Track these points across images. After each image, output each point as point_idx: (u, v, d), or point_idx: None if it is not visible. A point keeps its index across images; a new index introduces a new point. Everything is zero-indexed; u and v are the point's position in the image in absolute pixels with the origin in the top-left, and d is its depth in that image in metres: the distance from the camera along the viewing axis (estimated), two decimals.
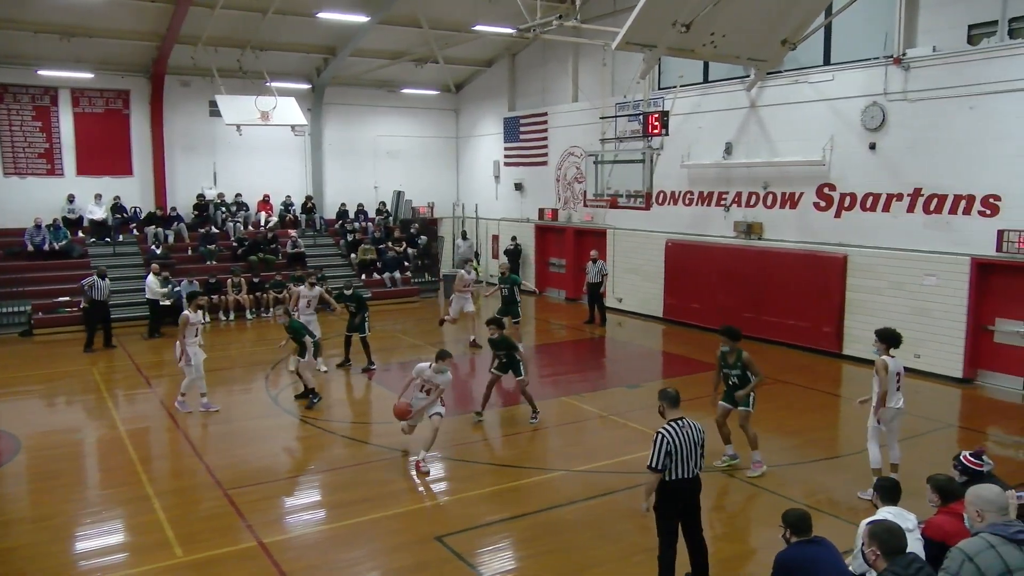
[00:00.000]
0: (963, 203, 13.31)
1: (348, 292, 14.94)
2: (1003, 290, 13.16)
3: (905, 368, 8.94)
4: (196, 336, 11.85)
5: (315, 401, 12.27)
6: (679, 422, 6.30)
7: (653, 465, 6.21)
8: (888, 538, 4.48)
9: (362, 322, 14.66)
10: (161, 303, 18.11)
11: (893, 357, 8.55)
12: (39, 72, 20.54)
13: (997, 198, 12.85)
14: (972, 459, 6.03)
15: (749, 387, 9.20)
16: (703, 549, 6.54)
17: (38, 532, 7.89)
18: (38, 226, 20.37)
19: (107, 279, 17.22)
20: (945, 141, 13.50)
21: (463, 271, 17.33)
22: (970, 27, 13.31)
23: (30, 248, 20.12)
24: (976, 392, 13.23)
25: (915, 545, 5.03)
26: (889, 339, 8.58)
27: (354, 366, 14.78)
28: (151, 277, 18.29)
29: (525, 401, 11.52)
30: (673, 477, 6.22)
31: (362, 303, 14.82)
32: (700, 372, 14.00)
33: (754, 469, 9.40)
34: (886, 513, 5.36)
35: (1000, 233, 12.76)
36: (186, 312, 11.83)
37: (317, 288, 14.88)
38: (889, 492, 5.52)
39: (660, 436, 6.21)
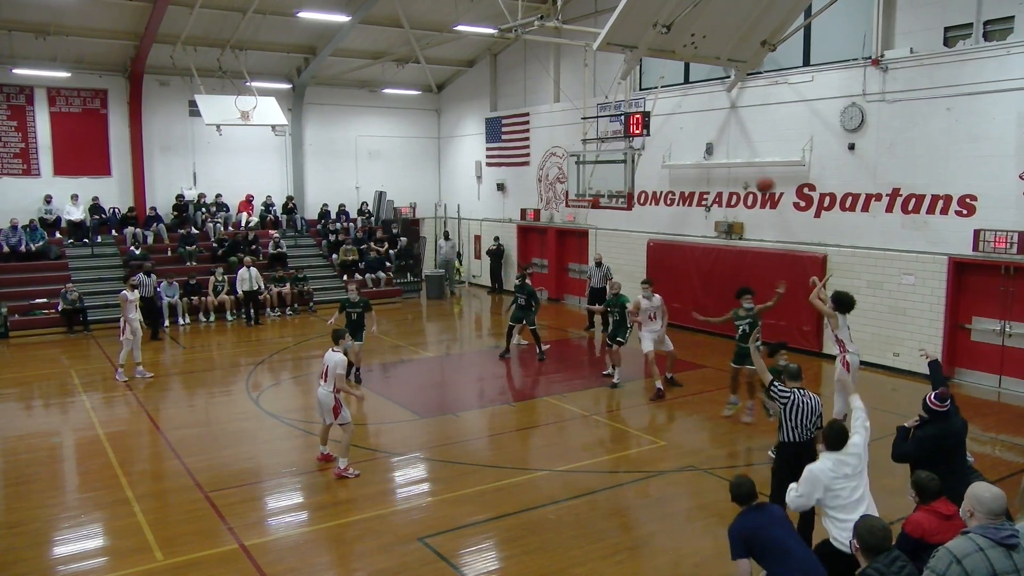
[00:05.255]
0: (940, 203, 13.47)
1: (519, 282, 15.84)
2: (979, 289, 13.33)
3: (883, 367, 9.19)
4: (135, 312, 13.93)
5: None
6: (800, 390, 7.10)
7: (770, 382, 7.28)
8: (869, 538, 4.52)
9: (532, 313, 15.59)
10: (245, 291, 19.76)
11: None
12: (14, 71, 20.28)
13: (973, 198, 13.01)
14: (936, 401, 6.22)
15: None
16: None
17: (13, 538, 7.78)
18: (14, 227, 20.12)
19: (153, 275, 18.23)
20: (922, 142, 13.65)
21: (641, 297, 13.39)
22: (946, 29, 13.46)
23: (6, 249, 19.85)
24: (953, 390, 13.21)
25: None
26: (840, 303, 9.75)
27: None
28: (244, 270, 19.72)
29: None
30: (790, 439, 6.96)
31: (534, 295, 15.72)
32: (680, 371, 14.09)
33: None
34: (827, 458, 5.68)
35: (976, 233, 12.93)
36: (124, 292, 14.05)
37: None
38: (834, 440, 5.82)
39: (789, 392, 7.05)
